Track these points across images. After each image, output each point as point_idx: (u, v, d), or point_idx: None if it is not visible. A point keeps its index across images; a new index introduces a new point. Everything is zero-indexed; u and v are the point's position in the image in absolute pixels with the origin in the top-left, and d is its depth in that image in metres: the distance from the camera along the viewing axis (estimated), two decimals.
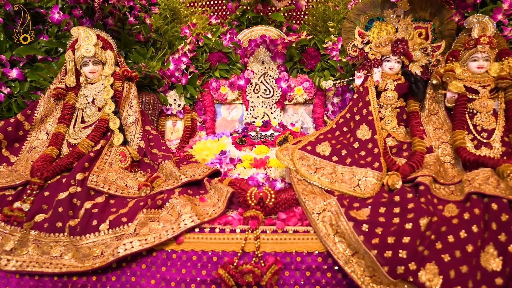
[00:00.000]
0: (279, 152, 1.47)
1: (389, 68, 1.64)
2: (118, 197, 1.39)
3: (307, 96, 2.38)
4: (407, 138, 1.52)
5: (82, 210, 1.29)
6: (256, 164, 1.70)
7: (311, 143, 1.48)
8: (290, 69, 2.40)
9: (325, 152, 1.44)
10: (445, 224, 1.14)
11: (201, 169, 1.53)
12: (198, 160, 1.92)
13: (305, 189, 1.31)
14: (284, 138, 2.06)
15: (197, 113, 2.37)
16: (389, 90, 1.62)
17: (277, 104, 2.41)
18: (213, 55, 2.35)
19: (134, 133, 1.65)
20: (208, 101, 2.41)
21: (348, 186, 1.30)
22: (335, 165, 1.38)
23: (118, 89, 1.67)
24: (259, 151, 1.85)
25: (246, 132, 2.25)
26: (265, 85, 2.41)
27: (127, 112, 1.69)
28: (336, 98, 2.29)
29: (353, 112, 1.59)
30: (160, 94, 2.22)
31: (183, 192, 1.37)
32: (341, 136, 1.54)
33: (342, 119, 1.61)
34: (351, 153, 1.42)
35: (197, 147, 2.04)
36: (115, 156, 1.53)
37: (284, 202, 1.30)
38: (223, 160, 1.77)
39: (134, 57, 2.08)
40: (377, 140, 1.44)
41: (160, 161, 1.52)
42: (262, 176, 1.59)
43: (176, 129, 2.27)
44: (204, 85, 2.40)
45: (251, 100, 2.41)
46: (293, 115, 2.46)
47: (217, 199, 1.37)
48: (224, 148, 1.99)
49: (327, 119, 2.34)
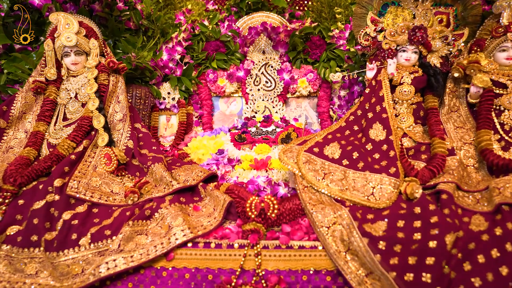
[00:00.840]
0: (282, 154, 1.32)
1: (405, 59, 1.47)
2: (102, 206, 1.24)
3: (311, 88, 2.21)
4: (426, 139, 1.36)
5: (60, 222, 1.14)
6: (256, 166, 1.55)
7: (318, 144, 1.32)
8: (293, 59, 2.22)
9: (334, 155, 1.28)
10: (473, 240, 1.00)
11: (195, 172, 1.37)
12: (194, 159, 1.77)
13: (312, 197, 1.16)
14: (286, 135, 1.90)
15: (193, 107, 2.20)
16: (405, 84, 1.45)
17: (279, 97, 2.24)
18: (210, 44, 2.17)
19: (121, 132, 1.49)
20: (205, 94, 2.24)
21: (361, 195, 1.15)
22: (346, 169, 1.23)
23: (103, 82, 1.51)
24: (260, 150, 1.69)
25: (245, 128, 2.09)
26: (266, 77, 2.24)
27: (113, 109, 1.53)
28: (343, 91, 2.12)
29: (364, 109, 1.43)
30: (153, 87, 2.05)
31: (174, 200, 1.22)
32: (351, 136, 1.38)
33: (352, 117, 1.44)
34: (364, 156, 1.26)
35: (193, 145, 1.88)
36: (100, 158, 1.37)
37: (289, 213, 1.15)
38: (220, 161, 1.61)
39: (123, 47, 1.90)
40: (393, 141, 1.28)
41: (149, 164, 1.36)
42: (263, 180, 1.44)
43: (170, 124, 2.11)
44: (201, 77, 2.22)
45: (251, 93, 2.24)
46: (296, 109, 2.30)
47: (212, 208, 1.22)
48: (222, 146, 1.83)
49: (333, 113, 2.18)
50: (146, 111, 1.94)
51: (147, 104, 1.95)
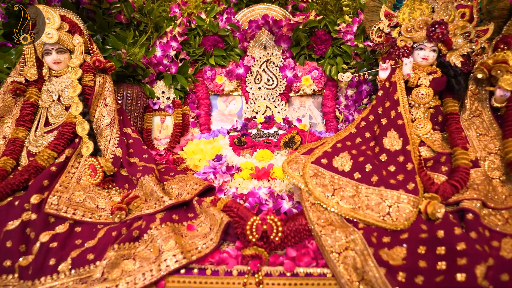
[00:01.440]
0: (286, 165, 1.19)
1: (422, 58, 1.33)
2: (86, 224, 1.11)
3: (316, 87, 2.07)
4: (446, 148, 1.22)
5: (37, 245, 1.01)
6: (257, 175, 1.41)
7: (326, 155, 1.19)
8: (297, 56, 2.07)
9: (344, 167, 1.15)
10: (507, 270, 0.87)
11: (190, 185, 1.24)
12: (190, 166, 1.64)
13: (321, 217, 1.03)
14: (290, 139, 1.76)
15: (189, 106, 2.06)
16: (423, 86, 1.31)
17: (282, 96, 2.10)
18: (207, 39, 2.02)
19: (109, 139, 1.36)
20: (202, 92, 2.09)
21: (376, 215, 1.02)
22: (358, 184, 1.10)
23: (88, 84, 1.36)
24: (261, 156, 1.56)
25: (245, 129, 1.95)
26: (267, 74, 2.09)
27: (100, 113, 1.39)
28: (350, 90, 1.98)
29: (377, 114, 1.29)
30: (146, 86, 1.90)
31: (166, 218, 1.09)
32: (363, 144, 1.24)
33: (363, 122, 1.31)
34: (378, 168, 1.13)
35: (189, 149, 1.75)
36: (85, 168, 1.24)
37: (294, 234, 1.02)
38: (218, 169, 1.48)
39: (113, 43, 1.75)
40: (411, 152, 1.14)
41: (139, 176, 1.23)
42: (265, 192, 1.31)
43: (165, 126, 1.97)
44: (197, 74, 2.08)
45: (251, 92, 2.10)
46: (300, 108, 2.16)
47: (209, 227, 1.09)
48: (220, 151, 1.70)
49: (339, 114, 2.03)
50: (138, 112, 1.80)
51: (140, 105, 1.81)
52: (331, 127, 2.05)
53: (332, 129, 2.04)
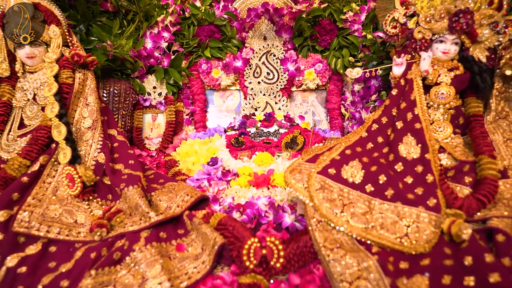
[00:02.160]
0: (289, 176, 1.05)
1: (442, 51, 1.18)
2: (62, 243, 0.98)
3: (319, 81, 1.92)
4: (469, 155, 1.08)
5: (3, 270, 0.88)
6: (256, 182, 1.28)
7: (334, 163, 1.05)
8: (299, 47, 1.92)
9: (355, 178, 1.01)
10: None
11: (180, 196, 1.11)
12: (183, 169, 1.50)
13: (329, 237, 0.90)
14: (292, 139, 1.62)
15: (183, 103, 1.91)
16: (443, 84, 1.16)
17: (283, 92, 1.94)
18: (202, 29, 1.86)
19: (90, 143, 1.21)
20: (197, 87, 1.94)
21: (392, 236, 0.89)
22: (371, 199, 0.96)
23: (66, 81, 1.21)
24: (261, 160, 1.42)
25: (244, 128, 1.81)
26: (267, 67, 1.94)
27: (80, 114, 1.24)
28: (357, 85, 1.82)
29: (391, 116, 1.15)
30: (135, 81, 1.75)
31: (152, 237, 0.96)
32: (375, 150, 1.10)
33: (375, 125, 1.16)
34: (393, 180, 0.99)
35: (182, 150, 1.61)
36: (62, 178, 1.10)
37: (298, 258, 0.89)
38: (213, 175, 1.34)
39: (97, 33, 1.59)
40: (431, 161, 1.00)
41: (122, 186, 1.09)
42: (265, 202, 1.18)
43: (157, 124, 1.83)
44: (192, 68, 1.92)
45: (250, 86, 1.95)
46: (302, 104, 2.01)
47: (201, 247, 0.96)
48: (216, 153, 1.56)
49: (345, 111, 1.89)
50: (127, 110, 1.65)
51: (128, 102, 1.66)
52: (336, 124, 1.90)
53: (337, 127, 1.90)
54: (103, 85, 1.59)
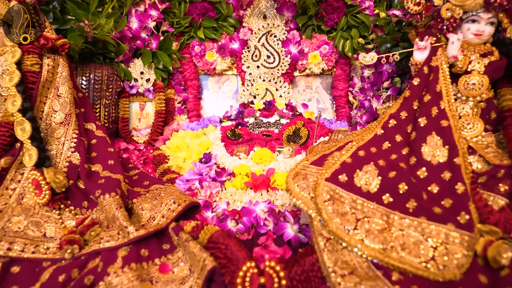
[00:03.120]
0: (292, 182, 0.89)
1: (474, 33, 1.00)
2: (27, 262, 0.84)
3: (325, 65, 1.73)
4: (504, 158, 0.92)
5: None
6: (254, 184, 1.13)
7: (345, 168, 0.89)
8: (303, 27, 1.72)
9: (370, 186, 0.85)
10: None
11: (166, 204, 0.96)
12: (172, 167, 1.35)
13: (339, 259, 0.76)
14: (294, 132, 1.46)
15: (174, 89, 1.73)
16: (475, 72, 0.99)
17: (284, 77, 1.76)
18: (195, 7, 1.66)
19: (63, 141, 1.05)
20: (190, 72, 1.76)
21: (416, 260, 0.74)
22: (389, 212, 0.81)
23: (32, 69, 1.04)
24: (259, 158, 1.26)
25: (241, 118, 1.64)
26: (267, 50, 1.75)
27: (51, 107, 1.07)
28: (367, 70, 1.64)
29: (412, 110, 0.98)
30: (119, 66, 1.57)
31: (131, 256, 0.82)
32: (393, 152, 0.94)
33: (393, 121, 1.00)
34: (416, 189, 0.84)
35: (172, 144, 1.45)
36: (29, 183, 0.95)
37: (303, 286, 0.75)
38: (205, 176, 1.19)
39: (73, 12, 1.40)
40: (461, 166, 0.84)
41: (98, 194, 0.94)
42: (264, 208, 1.03)
43: (145, 114, 1.66)
44: (183, 50, 1.73)
45: (248, 71, 1.76)
46: (305, 90, 1.83)
47: (188, 268, 0.82)
48: (209, 148, 1.40)
49: (353, 98, 1.71)
50: (110, 98, 1.48)
51: (112, 89, 1.48)
52: (342, 114, 1.73)
53: (344, 116, 1.73)
54: (81, 71, 1.42)
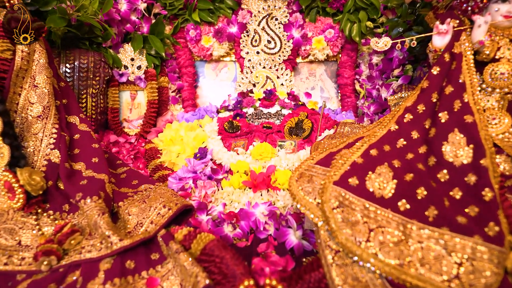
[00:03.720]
0: (295, 185, 0.80)
1: (505, 15, 0.88)
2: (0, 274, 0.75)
3: (330, 51, 1.61)
4: None
5: None
6: (253, 183, 1.03)
7: (356, 169, 0.79)
8: (306, 9, 1.59)
9: (384, 191, 0.75)
10: None
11: (155, 208, 0.86)
12: (165, 163, 1.25)
13: (349, 274, 0.67)
14: (297, 124, 1.35)
15: (168, 77, 1.62)
16: (504, 60, 0.87)
17: (286, 64, 1.64)
18: None
19: (40, 137, 0.95)
20: (185, 58, 1.64)
21: (438, 278, 0.65)
22: (406, 222, 0.71)
23: (2, 56, 0.92)
24: (259, 153, 1.16)
25: (240, 108, 1.53)
26: (268, 34, 1.62)
27: (26, 99, 0.96)
28: (375, 57, 1.52)
29: (431, 104, 0.87)
30: (108, 52, 1.45)
31: (115, 270, 0.73)
32: (410, 150, 0.84)
33: (409, 115, 0.89)
34: (436, 194, 0.74)
35: (165, 137, 1.35)
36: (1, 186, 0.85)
37: None
38: (200, 174, 1.09)
39: None
40: (488, 169, 0.74)
41: (79, 198, 0.84)
42: (264, 211, 0.93)
43: (137, 103, 1.55)
44: (177, 35, 1.61)
45: (247, 58, 1.64)
46: (309, 78, 1.71)
47: (179, 284, 0.73)
48: (205, 141, 1.30)
49: (360, 87, 1.60)
50: (98, 88, 1.36)
51: (99, 78, 1.37)
52: (348, 104, 1.62)
53: (349, 106, 1.62)
54: (65, 58, 1.30)
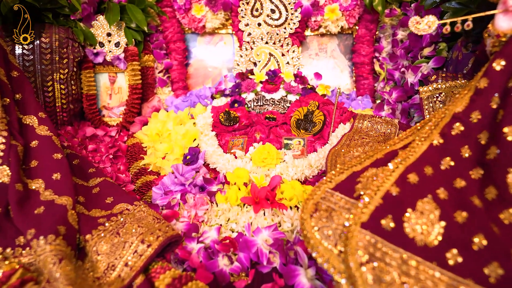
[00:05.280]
0: (309, 222, 0.61)
1: None
2: None
3: (345, 22, 1.35)
4: None
5: None
6: (254, 200, 0.84)
7: (390, 204, 0.60)
8: None
9: (428, 237, 0.57)
10: None
11: (131, 243, 0.68)
12: (150, 165, 1.05)
13: None
14: (306, 116, 1.14)
15: (153, 54, 1.37)
16: None
17: (293, 38, 1.39)
18: None
19: None
20: (173, 32, 1.38)
21: None
22: (458, 281, 0.53)
23: None
24: (261, 158, 0.95)
25: (238, 94, 1.31)
26: (272, 2, 1.35)
27: None
28: (401, 31, 1.27)
29: (490, 111, 0.66)
30: (77, 26, 1.19)
31: None
32: (459, 174, 0.64)
33: (459, 126, 0.68)
34: (499, 244, 0.56)
35: (151, 131, 1.14)
36: None
37: None
38: (189, 186, 0.90)
39: None
40: None
41: (31, 236, 0.65)
42: (268, 239, 0.76)
43: (117, 88, 1.32)
44: (163, 3, 1.34)
45: (247, 30, 1.39)
46: (318, 54, 1.47)
47: None
48: (196, 139, 1.09)
49: (379, 68, 1.36)
50: (66, 72, 1.13)
51: (68, 59, 1.13)
52: (364, 87, 1.39)
53: (366, 90, 1.39)
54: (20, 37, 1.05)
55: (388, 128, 1.02)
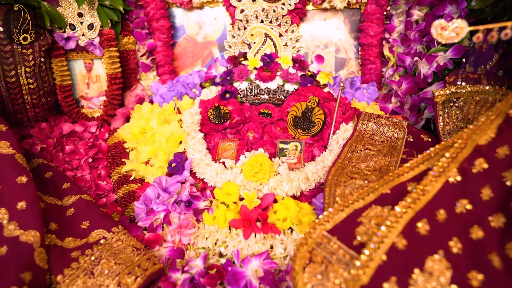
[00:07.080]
0: (301, 278, 0.54)
1: None
2: None
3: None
4: None
5: None
6: (244, 224, 0.76)
7: (395, 260, 0.52)
8: None
9: None
10: None
11: (108, 286, 0.62)
12: (132, 173, 0.96)
13: None
14: (304, 113, 1.02)
15: (133, 35, 1.22)
16: None
17: (292, 16, 1.22)
18: None
19: None
20: (155, 7, 1.21)
21: None
22: None
23: None
24: (253, 172, 0.85)
25: (229, 82, 1.17)
26: None
27: None
28: (417, 10, 1.09)
29: None
30: (41, 6, 1.02)
31: None
32: (476, 221, 0.55)
33: (481, 162, 0.57)
34: None
35: (133, 129, 1.04)
36: None
37: None
38: (170, 207, 0.81)
39: None
40: None
41: None
42: (259, 269, 0.70)
43: (95, 76, 1.18)
44: None
45: (239, 7, 1.21)
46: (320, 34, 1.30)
47: None
48: (182, 141, 0.99)
49: (389, 52, 1.21)
50: (34, 64, 0.99)
51: (33, 48, 0.99)
52: (370, 72, 1.25)
53: (372, 76, 1.25)
54: None
55: (395, 132, 0.91)
